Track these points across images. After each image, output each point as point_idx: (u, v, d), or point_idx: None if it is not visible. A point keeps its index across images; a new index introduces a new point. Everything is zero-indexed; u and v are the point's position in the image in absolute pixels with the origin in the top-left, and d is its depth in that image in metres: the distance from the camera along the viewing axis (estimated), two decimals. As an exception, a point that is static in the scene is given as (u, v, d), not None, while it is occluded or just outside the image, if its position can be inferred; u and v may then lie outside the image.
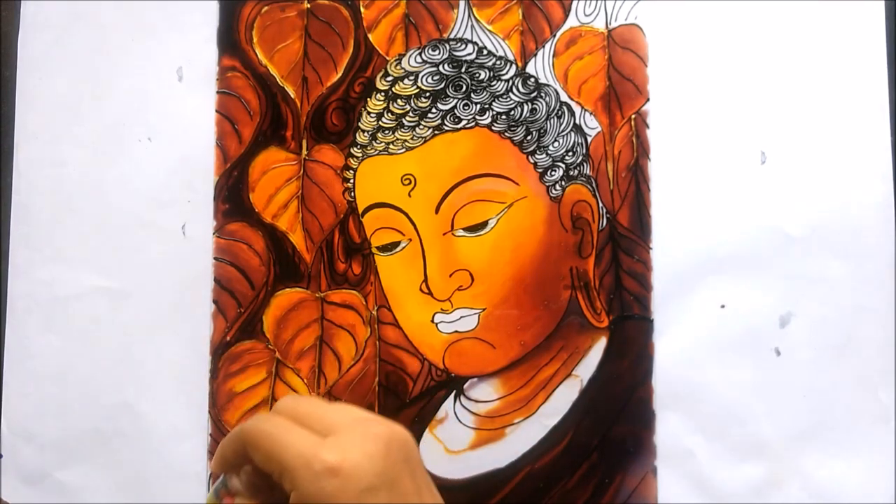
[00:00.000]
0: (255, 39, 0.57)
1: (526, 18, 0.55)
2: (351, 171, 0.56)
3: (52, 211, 0.57)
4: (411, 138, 0.55)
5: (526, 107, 0.55)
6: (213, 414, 0.55)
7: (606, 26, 0.55)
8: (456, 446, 0.54)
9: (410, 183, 0.55)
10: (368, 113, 0.56)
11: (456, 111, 0.55)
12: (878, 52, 0.54)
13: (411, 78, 0.55)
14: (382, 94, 0.56)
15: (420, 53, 0.56)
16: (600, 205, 0.54)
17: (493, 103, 0.55)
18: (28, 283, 0.56)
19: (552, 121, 0.55)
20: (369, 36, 0.56)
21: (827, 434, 0.52)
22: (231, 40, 0.57)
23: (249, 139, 0.56)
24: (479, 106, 0.55)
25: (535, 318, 0.54)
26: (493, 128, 0.55)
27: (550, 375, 0.54)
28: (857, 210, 0.53)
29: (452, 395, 0.54)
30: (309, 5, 0.57)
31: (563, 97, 0.55)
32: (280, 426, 0.40)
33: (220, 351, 0.55)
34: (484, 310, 0.54)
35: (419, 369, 0.54)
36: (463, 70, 0.55)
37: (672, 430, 0.53)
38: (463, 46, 0.55)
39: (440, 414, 0.54)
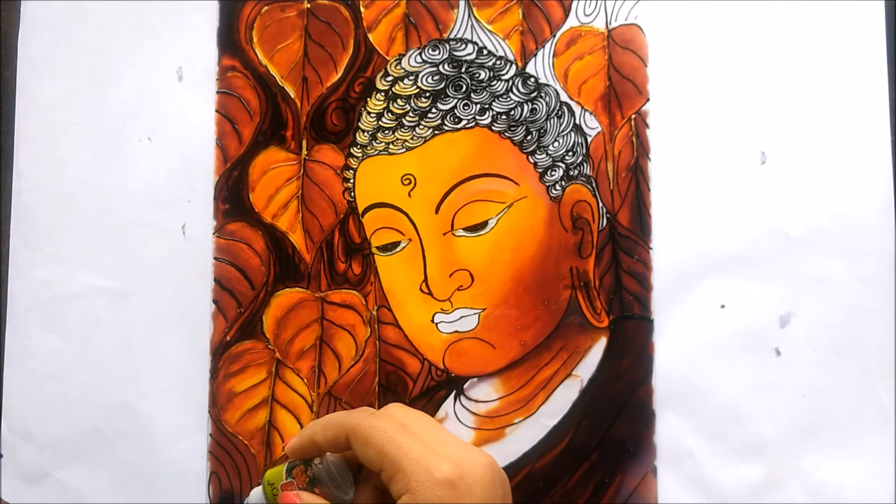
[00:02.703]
0: (255, 39, 0.57)
1: (526, 18, 0.55)
2: (351, 171, 0.56)
3: (52, 211, 0.57)
4: (411, 138, 0.55)
5: (526, 107, 0.55)
6: (213, 414, 0.55)
7: (606, 26, 0.55)
8: (456, 446, 0.54)
9: (410, 183, 0.55)
10: (368, 113, 0.56)
11: (456, 111, 0.55)
12: (878, 52, 0.54)
13: (411, 78, 0.55)
14: (382, 93, 0.56)
15: (420, 53, 0.56)
16: (600, 205, 0.54)
17: (493, 103, 0.55)
18: (28, 283, 0.56)
19: (552, 121, 0.55)
20: (369, 36, 0.56)
21: (827, 434, 0.52)
22: (231, 40, 0.57)
23: (249, 139, 0.56)
24: (479, 106, 0.55)
25: (535, 318, 0.54)
26: (493, 128, 0.55)
27: (550, 375, 0.54)
28: (857, 210, 0.53)
29: (452, 395, 0.54)
30: (309, 5, 0.57)
31: (563, 97, 0.55)
32: (395, 428, 0.42)
33: (220, 351, 0.55)
34: (484, 310, 0.54)
35: (419, 369, 0.54)
36: (463, 70, 0.55)
37: (672, 430, 0.53)
38: (463, 46, 0.55)
39: (440, 414, 0.54)
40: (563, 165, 0.55)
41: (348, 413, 0.45)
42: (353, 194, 0.56)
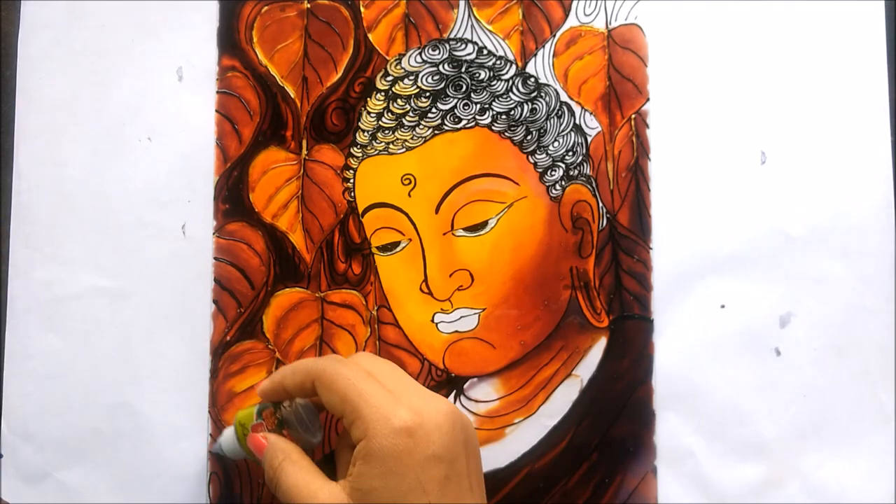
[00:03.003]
0: (255, 39, 0.57)
1: (526, 18, 0.55)
2: (351, 171, 0.56)
3: (52, 211, 0.57)
4: (411, 138, 0.55)
5: (526, 107, 0.55)
6: (213, 414, 0.55)
7: (606, 26, 0.55)
8: (456, 446, 0.54)
9: (410, 183, 0.55)
10: (368, 113, 0.56)
11: (456, 111, 0.55)
12: (878, 52, 0.54)
13: (411, 78, 0.55)
14: (382, 93, 0.56)
15: (420, 53, 0.56)
16: (600, 205, 0.54)
17: (493, 103, 0.55)
18: (28, 283, 0.56)
19: (552, 121, 0.55)
20: (369, 36, 0.56)
21: (827, 434, 0.52)
22: (231, 40, 0.57)
23: (249, 139, 0.56)
24: (479, 106, 0.55)
25: (535, 318, 0.54)
26: (493, 128, 0.55)
27: (550, 375, 0.54)
28: (857, 210, 0.53)
29: (452, 395, 0.54)
30: (309, 5, 0.57)
31: (563, 97, 0.55)
32: (360, 375, 0.42)
33: (220, 351, 0.55)
34: (484, 310, 0.54)
35: (419, 369, 0.54)
36: (463, 70, 0.55)
37: (672, 430, 0.53)
38: (463, 46, 0.55)
39: (440, 414, 0.54)
40: (563, 165, 0.55)
41: (317, 359, 0.45)
42: (353, 194, 0.56)
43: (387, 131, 0.55)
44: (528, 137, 0.55)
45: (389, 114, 0.55)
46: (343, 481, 0.41)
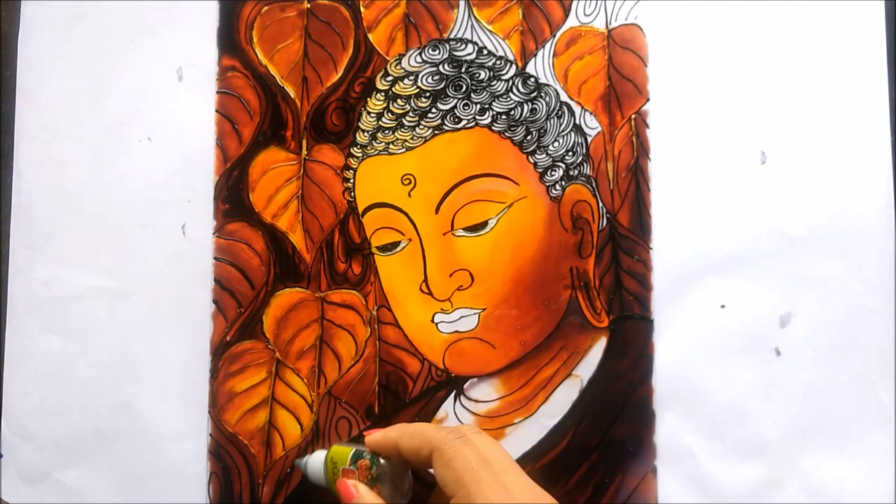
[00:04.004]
0: (255, 39, 0.57)
1: (526, 18, 0.55)
2: (351, 171, 0.56)
3: (52, 211, 0.57)
4: (411, 138, 0.55)
5: (526, 107, 0.55)
6: (213, 414, 0.55)
7: (606, 26, 0.55)
8: (456, 446, 0.54)
9: (410, 183, 0.55)
10: (368, 113, 0.56)
11: (456, 111, 0.55)
12: (878, 52, 0.54)
13: (411, 78, 0.55)
14: (382, 93, 0.56)
15: (420, 53, 0.56)
16: (600, 205, 0.54)
17: (493, 103, 0.55)
18: (28, 283, 0.56)
19: (552, 121, 0.55)
20: (369, 36, 0.56)
21: (827, 434, 0.52)
22: (231, 40, 0.57)
23: (249, 139, 0.56)
24: (479, 106, 0.55)
25: (535, 318, 0.54)
26: (493, 128, 0.55)
27: (550, 375, 0.54)
28: (857, 210, 0.53)
29: (452, 395, 0.54)
30: (309, 5, 0.57)
31: (563, 97, 0.55)
32: (479, 461, 0.43)
33: (220, 351, 0.55)
34: (484, 310, 0.54)
35: (419, 369, 0.54)
36: (463, 70, 0.55)
37: (672, 430, 0.53)
38: (463, 46, 0.55)
39: (440, 414, 0.54)
40: (563, 165, 0.55)
41: (438, 429, 0.45)
42: (353, 194, 0.56)
43: (387, 131, 0.55)
44: (528, 137, 0.55)
45: (389, 114, 0.55)
46: None
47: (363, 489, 0.45)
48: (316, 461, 0.49)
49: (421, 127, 0.55)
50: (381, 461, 0.46)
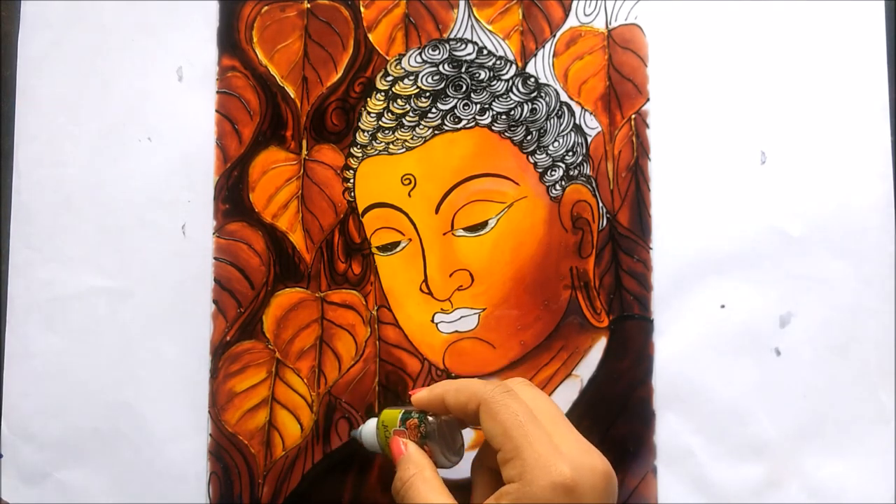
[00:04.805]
0: (255, 39, 0.57)
1: (526, 18, 0.55)
2: (351, 171, 0.56)
3: (52, 211, 0.57)
4: (411, 138, 0.55)
5: (526, 107, 0.55)
6: (213, 414, 0.55)
7: (606, 26, 0.55)
8: (456, 446, 0.54)
9: (410, 183, 0.55)
10: (368, 113, 0.56)
11: (456, 111, 0.55)
12: (878, 52, 0.54)
13: (411, 78, 0.55)
14: (382, 93, 0.56)
15: (420, 53, 0.56)
16: (600, 205, 0.54)
17: (493, 103, 0.55)
18: (28, 283, 0.56)
19: (552, 121, 0.55)
20: (369, 36, 0.56)
21: (827, 434, 0.52)
22: (231, 40, 0.57)
23: (249, 139, 0.56)
24: (479, 106, 0.55)
25: (535, 318, 0.54)
26: (493, 128, 0.55)
27: (550, 375, 0.54)
28: (857, 210, 0.53)
29: (452, 395, 0.54)
30: (309, 5, 0.57)
31: (563, 97, 0.55)
32: (526, 413, 0.42)
33: (220, 351, 0.55)
34: (484, 310, 0.54)
35: (419, 369, 0.54)
36: (463, 70, 0.55)
37: (672, 430, 0.53)
38: (463, 46, 0.56)
39: (440, 414, 0.54)
40: (563, 165, 0.55)
41: (484, 383, 0.44)
42: (353, 194, 0.56)
43: (387, 131, 0.55)
44: (528, 137, 0.55)
45: (389, 114, 0.55)
46: None
47: (411, 446, 0.45)
48: (369, 428, 0.48)
49: (421, 127, 0.55)
50: (430, 419, 0.45)
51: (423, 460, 0.44)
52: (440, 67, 0.55)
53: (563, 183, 0.55)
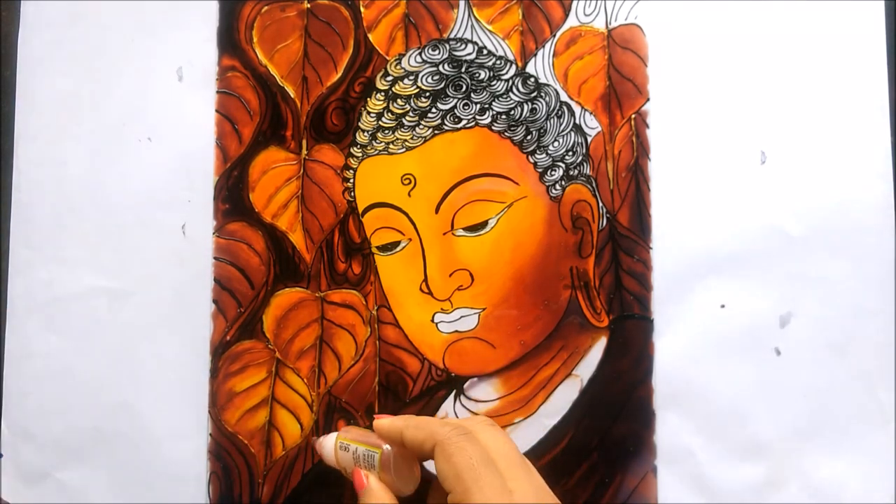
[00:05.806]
0: (255, 39, 0.57)
1: (526, 18, 0.55)
2: (351, 171, 0.56)
3: (52, 211, 0.57)
4: (411, 138, 0.55)
5: (526, 106, 0.55)
6: (213, 414, 0.55)
7: (606, 26, 0.55)
8: (456, 446, 0.54)
9: (410, 183, 0.55)
10: (368, 113, 0.56)
11: (456, 111, 0.55)
12: (878, 52, 0.54)
13: (411, 78, 0.55)
14: (382, 93, 0.56)
15: (420, 53, 0.56)
16: (600, 204, 0.54)
17: (493, 103, 0.55)
18: (28, 283, 0.56)
19: (552, 120, 0.55)
20: (369, 36, 0.56)
21: (827, 434, 0.52)
22: (231, 40, 0.57)
23: (249, 139, 0.56)
24: (479, 106, 0.55)
25: (535, 318, 0.54)
26: (493, 127, 0.55)
27: (550, 375, 0.54)
28: (857, 210, 0.53)
29: (452, 394, 0.54)
30: (309, 5, 0.57)
31: (563, 97, 0.55)
32: (481, 457, 0.42)
33: (220, 351, 0.55)
34: (484, 309, 0.54)
35: (419, 369, 0.54)
36: (463, 70, 0.55)
37: (672, 430, 0.53)
38: (463, 46, 0.56)
39: (440, 414, 0.54)
40: (563, 165, 0.55)
41: (444, 423, 0.45)
42: (353, 194, 0.56)
43: (387, 131, 0.55)
44: (528, 137, 0.55)
45: (389, 114, 0.55)
46: None
47: (373, 480, 0.46)
48: (328, 447, 0.50)
49: (421, 127, 0.55)
50: (386, 448, 0.46)
51: (384, 495, 0.45)
52: (440, 67, 0.55)
53: (563, 183, 0.55)
